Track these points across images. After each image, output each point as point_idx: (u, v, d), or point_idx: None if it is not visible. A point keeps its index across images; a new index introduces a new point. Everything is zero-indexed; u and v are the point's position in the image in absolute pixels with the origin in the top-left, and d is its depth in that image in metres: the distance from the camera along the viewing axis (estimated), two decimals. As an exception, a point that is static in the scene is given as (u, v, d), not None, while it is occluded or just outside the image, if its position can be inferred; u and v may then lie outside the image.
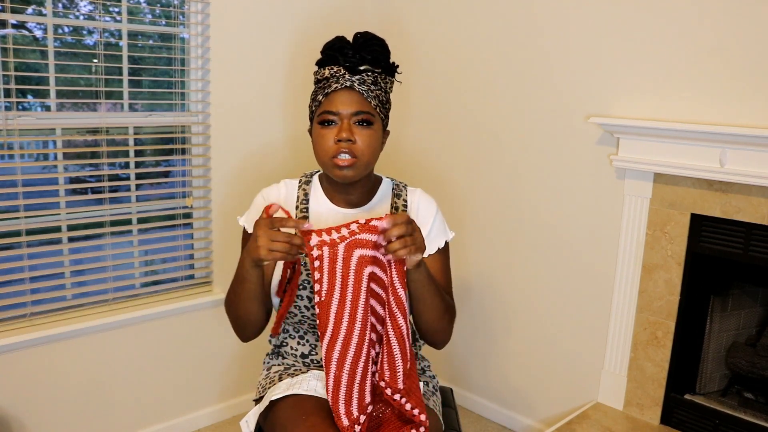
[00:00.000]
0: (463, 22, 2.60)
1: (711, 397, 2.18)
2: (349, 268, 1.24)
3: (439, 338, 1.41)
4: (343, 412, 1.23)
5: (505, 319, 2.62)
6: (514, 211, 2.53)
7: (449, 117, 2.70)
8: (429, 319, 1.36)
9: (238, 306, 1.32)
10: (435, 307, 1.34)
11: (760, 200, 1.89)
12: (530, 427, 2.58)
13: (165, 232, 2.44)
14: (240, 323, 1.37)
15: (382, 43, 1.38)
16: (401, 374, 1.26)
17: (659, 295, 2.15)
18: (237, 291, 1.31)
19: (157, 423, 2.42)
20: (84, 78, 2.17)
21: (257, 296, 1.30)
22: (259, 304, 1.32)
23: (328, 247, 1.23)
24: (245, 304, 1.31)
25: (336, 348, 1.24)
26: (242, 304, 1.31)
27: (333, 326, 1.24)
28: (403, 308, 1.25)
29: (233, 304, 1.34)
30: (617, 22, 2.14)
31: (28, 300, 2.10)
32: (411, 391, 1.27)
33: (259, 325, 1.38)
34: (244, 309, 1.32)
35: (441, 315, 1.36)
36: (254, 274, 1.26)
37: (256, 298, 1.30)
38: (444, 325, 1.39)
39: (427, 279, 1.30)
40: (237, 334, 1.41)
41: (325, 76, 1.36)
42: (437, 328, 1.38)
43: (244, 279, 1.27)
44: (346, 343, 1.25)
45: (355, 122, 1.33)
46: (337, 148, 1.31)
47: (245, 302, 1.31)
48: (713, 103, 1.95)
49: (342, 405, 1.24)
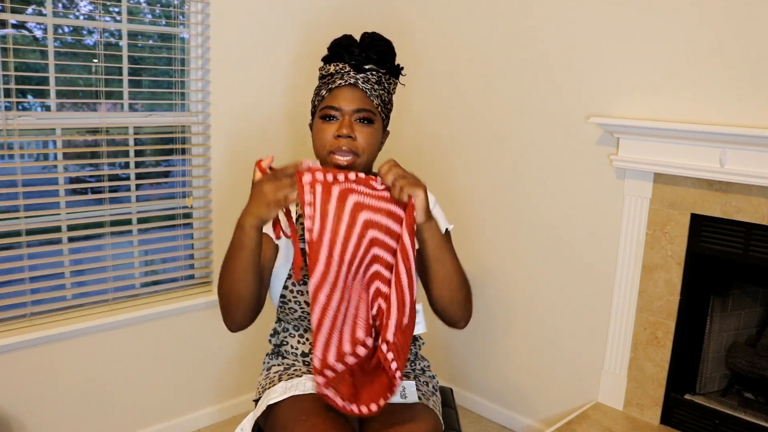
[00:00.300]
0: (463, 21, 2.60)
1: (711, 397, 2.18)
2: (343, 211, 1.23)
3: (460, 311, 1.33)
4: (319, 355, 1.22)
5: (505, 319, 2.62)
6: (514, 211, 2.53)
7: (449, 117, 2.70)
8: (450, 287, 1.29)
9: (232, 278, 1.25)
10: (454, 271, 1.28)
11: (760, 200, 1.89)
12: (530, 427, 2.58)
13: (165, 232, 2.43)
14: (233, 300, 1.27)
15: (389, 45, 1.39)
16: (393, 325, 1.23)
17: (659, 295, 2.15)
18: (232, 261, 1.24)
19: (157, 423, 2.42)
20: (84, 78, 2.17)
21: (253, 267, 1.23)
22: (254, 277, 1.25)
23: (321, 186, 1.21)
24: (240, 275, 1.23)
25: (323, 290, 1.21)
26: (237, 276, 1.24)
27: (323, 267, 1.21)
28: (407, 258, 1.22)
29: (226, 278, 1.26)
30: (617, 22, 2.14)
31: (28, 300, 2.10)
32: (399, 348, 1.23)
33: (251, 305, 1.29)
34: (238, 282, 1.24)
35: (461, 283, 1.31)
36: (254, 237, 1.20)
37: (252, 269, 1.23)
38: (464, 296, 1.32)
39: (442, 238, 1.26)
40: (227, 319, 1.31)
41: (330, 71, 1.37)
42: (458, 299, 1.31)
43: (241, 245, 1.21)
44: (333, 287, 1.22)
45: (357, 119, 1.33)
46: (337, 143, 1.32)
47: (240, 273, 1.23)
48: (713, 103, 1.95)
49: (320, 348, 1.21)
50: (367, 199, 1.24)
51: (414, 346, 1.53)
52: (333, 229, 1.22)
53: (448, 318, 1.35)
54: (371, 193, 1.24)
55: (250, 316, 1.31)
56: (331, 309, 1.22)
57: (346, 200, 1.22)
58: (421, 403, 1.40)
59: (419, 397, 1.42)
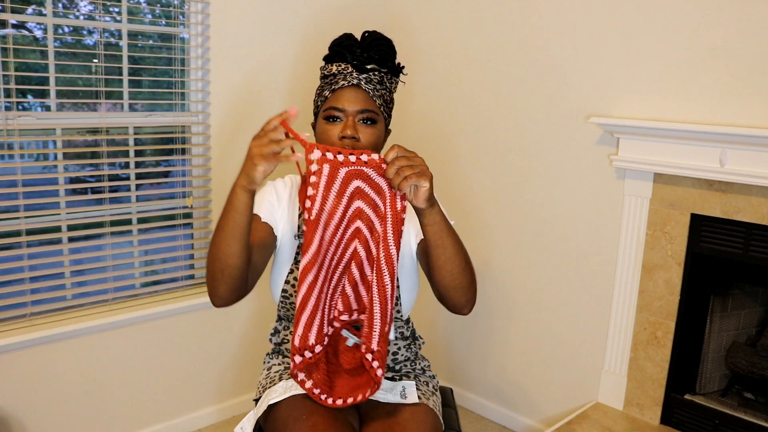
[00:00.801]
0: (464, 21, 2.60)
1: (711, 397, 2.19)
2: (344, 194, 1.23)
3: (463, 297, 1.29)
4: (299, 334, 1.22)
5: (505, 319, 2.62)
6: (514, 211, 2.53)
7: (450, 116, 2.70)
8: (452, 272, 1.25)
9: (219, 243, 1.20)
10: (456, 255, 1.24)
11: (760, 200, 1.89)
12: (530, 427, 2.58)
13: (165, 232, 2.43)
14: (217, 266, 1.22)
15: (390, 44, 1.40)
16: (377, 335, 1.23)
17: (659, 295, 2.15)
18: (221, 224, 1.20)
19: (157, 423, 2.42)
20: (84, 78, 2.17)
21: (240, 234, 1.19)
22: (241, 247, 1.20)
23: (330, 166, 1.20)
24: (227, 240, 1.19)
25: (312, 270, 1.21)
26: (223, 241, 1.19)
27: (316, 248, 1.21)
28: (391, 266, 1.22)
29: (214, 242, 1.22)
30: (618, 22, 2.14)
31: (28, 300, 2.10)
32: (383, 355, 1.25)
33: (235, 277, 1.23)
34: (224, 247, 1.20)
35: (463, 267, 1.26)
36: (243, 199, 1.16)
37: (238, 235, 1.19)
38: (468, 281, 1.28)
39: (444, 222, 1.22)
40: (210, 289, 1.26)
41: (332, 72, 1.37)
42: (461, 284, 1.27)
43: (230, 207, 1.18)
44: (320, 268, 1.23)
45: (360, 120, 1.34)
46: (341, 145, 1.32)
47: (228, 239, 1.19)
48: (713, 103, 1.95)
49: (301, 327, 1.22)
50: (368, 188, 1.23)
51: (414, 345, 1.53)
52: (330, 211, 1.23)
53: (452, 304, 1.31)
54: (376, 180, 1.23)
55: (233, 291, 1.25)
56: (316, 289, 1.23)
57: (349, 185, 1.23)
58: (421, 403, 1.41)
59: (419, 397, 1.42)
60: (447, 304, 1.32)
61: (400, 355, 1.47)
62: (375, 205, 1.25)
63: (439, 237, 1.22)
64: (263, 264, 1.36)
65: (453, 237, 1.24)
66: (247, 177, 1.15)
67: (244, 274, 1.25)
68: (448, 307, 1.33)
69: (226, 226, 1.19)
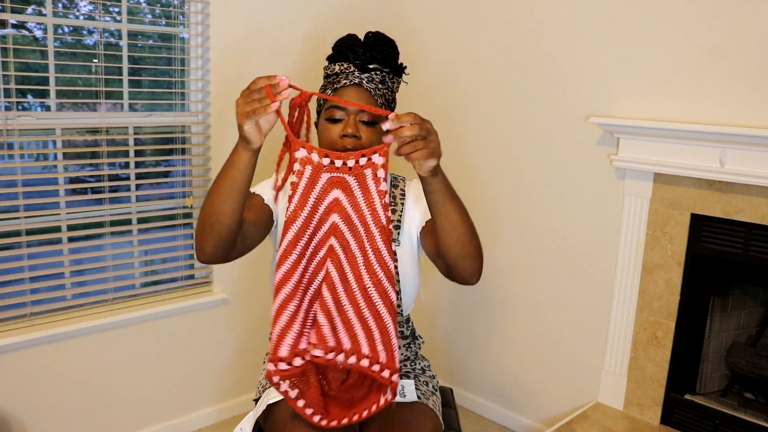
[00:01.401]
0: (465, 22, 2.60)
1: (711, 397, 2.18)
2: (322, 202, 1.20)
3: (471, 265, 1.26)
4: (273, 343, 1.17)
5: (506, 319, 2.62)
6: (513, 211, 2.53)
7: (450, 116, 2.70)
8: (458, 240, 1.22)
9: (213, 199, 1.20)
10: (462, 222, 1.21)
11: (760, 200, 1.89)
12: (530, 427, 2.58)
13: (165, 232, 2.43)
14: (206, 220, 1.22)
15: (392, 44, 1.41)
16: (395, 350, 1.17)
17: (659, 295, 2.15)
18: (218, 182, 1.20)
19: (157, 423, 2.42)
20: (84, 78, 2.17)
21: (237, 192, 1.19)
22: (233, 206, 1.19)
23: (312, 168, 1.19)
24: (222, 197, 1.19)
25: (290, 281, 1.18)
26: (219, 197, 1.19)
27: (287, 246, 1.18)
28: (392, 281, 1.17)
29: (208, 195, 1.22)
30: (618, 22, 2.14)
31: (28, 300, 2.10)
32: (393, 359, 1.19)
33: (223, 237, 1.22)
34: (217, 203, 1.19)
35: (470, 235, 1.23)
36: (245, 157, 1.16)
37: (236, 194, 1.19)
38: (474, 248, 1.25)
39: (447, 189, 1.19)
40: (197, 241, 1.25)
41: (335, 71, 1.39)
42: (468, 252, 1.24)
43: (231, 164, 1.18)
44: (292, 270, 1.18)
45: (361, 119, 1.34)
46: (342, 143, 1.33)
47: (222, 196, 1.19)
48: (713, 103, 1.95)
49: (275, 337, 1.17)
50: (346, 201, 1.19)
51: (414, 345, 1.53)
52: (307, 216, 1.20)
53: (460, 274, 1.28)
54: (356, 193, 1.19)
55: (218, 249, 1.24)
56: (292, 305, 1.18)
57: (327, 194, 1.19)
58: (421, 403, 1.41)
59: (419, 397, 1.42)
60: (455, 275, 1.29)
61: (400, 354, 1.47)
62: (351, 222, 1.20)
63: (443, 205, 1.19)
64: (255, 240, 1.34)
65: (457, 203, 1.21)
66: (240, 134, 1.15)
67: (233, 236, 1.23)
68: (457, 279, 1.30)
69: (223, 183, 1.19)
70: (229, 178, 1.18)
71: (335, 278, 1.20)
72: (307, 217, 1.20)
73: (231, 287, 2.53)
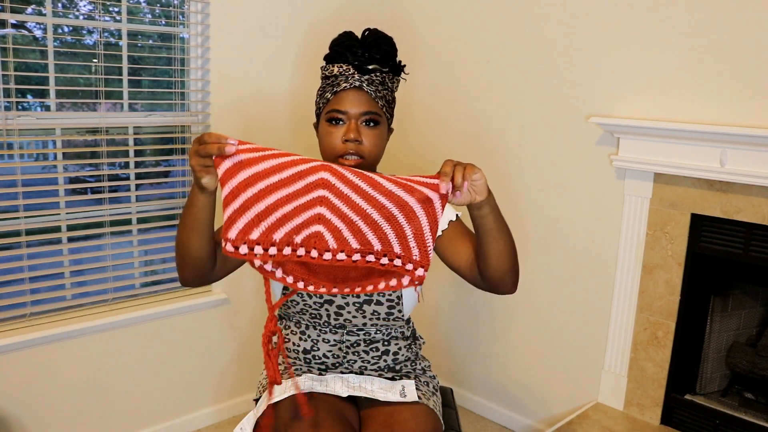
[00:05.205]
0: (465, 21, 2.60)
1: (711, 398, 2.18)
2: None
3: (513, 278, 1.30)
4: (228, 217, 1.07)
5: (506, 319, 2.62)
6: (514, 211, 2.52)
7: (450, 116, 2.70)
8: (508, 258, 1.26)
9: (179, 235, 1.22)
10: (509, 242, 1.26)
11: (761, 200, 1.89)
12: (530, 427, 2.58)
13: (165, 232, 2.43)
14: (178, 253, 1.24)
15: (391, 42, 1.39)
16: (430, 248, 1.13)
17: (659, 295, 2.15)
18: (182, 220, 1.21)
19: (156, 423, 2.42)
20: (84, 78, 2.17)
21: (201, 229, 1.19)
22: (202, 240, 1.20)
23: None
24: (187, 234, 1.20)
25: (277, 174, 1.09)
26: (183, 234, 1.21)
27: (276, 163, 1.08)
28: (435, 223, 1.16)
29: (177, 234, 1.24)
30: (618, 22, 2.14)
31: (28, 300, 2.10)
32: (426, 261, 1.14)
33: (197, 266, 1.24)
34: (185, 239, 1.21)
35: (515, 252, 1.28)
36: (201, 198, 1.15)
37: (199, 230, 1.19)
38: (516, 261, 1.29)
39: (497, 210, 1.24)
40: (178, 271, 1.28)
41: (333, 73, 1.37)
42: (516, 267, 1.29)
43: (189, 203, 1.18)
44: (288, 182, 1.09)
45: (363, 122, 1.34)
46: (344, 148, 1.32)
47: (187, 232, 1.20)
48: (713, 103, 1.95)
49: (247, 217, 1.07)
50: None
51: (414, 345, 1.53)
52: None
53: (502, 287, 1.30)
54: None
55: (195, 278, 1.27)
56: (282, 192, 1.07)
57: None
58: (421, 403, 1.40)
59: (419, 397, 1.42)
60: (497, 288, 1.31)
61: (400, 355, 1.47)
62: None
63: (497, 229, 1.23)
64: (234, 263, 1.34)
65: (505, 223, 1.25)
66: (194, 181, 1.14)
67: (207, 264, 1.25)
68: (497, 291, 1.32)
69: (186, 220, 1.20)
70: (190, 216, 1.18)
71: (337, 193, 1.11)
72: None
73: (231, 287, 2.53)
